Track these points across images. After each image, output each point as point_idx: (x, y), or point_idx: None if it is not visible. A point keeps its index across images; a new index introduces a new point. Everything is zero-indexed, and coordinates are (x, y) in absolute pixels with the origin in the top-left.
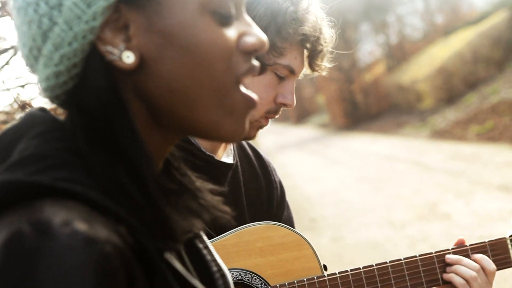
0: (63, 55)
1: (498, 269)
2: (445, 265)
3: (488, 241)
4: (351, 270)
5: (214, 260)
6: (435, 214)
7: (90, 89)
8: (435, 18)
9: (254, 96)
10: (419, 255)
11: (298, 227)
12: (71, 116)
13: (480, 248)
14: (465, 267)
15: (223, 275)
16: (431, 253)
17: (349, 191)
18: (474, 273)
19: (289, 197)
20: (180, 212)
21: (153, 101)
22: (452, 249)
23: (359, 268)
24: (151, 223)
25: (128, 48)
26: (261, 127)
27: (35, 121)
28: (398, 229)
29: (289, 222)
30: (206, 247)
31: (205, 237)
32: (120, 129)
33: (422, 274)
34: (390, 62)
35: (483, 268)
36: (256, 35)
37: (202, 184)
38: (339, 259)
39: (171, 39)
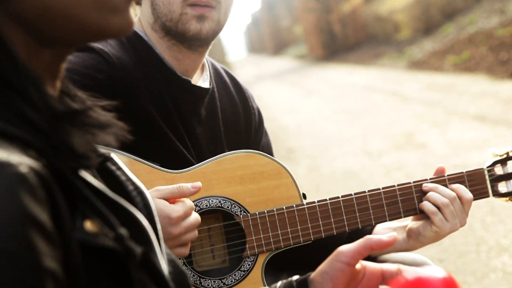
0: None
1: (474, 199)
2: (422, 195)
3: (466, 172)
4: (330, 199)
5: (129, 179)
6: (411, 143)
7: None
8: None
9: None
10: (397, 185)
11: (275, 158)
12: None
13: (458, 178)
14: (439, 194)
15: (140, 193)
16: (409, 182)
17: (326, 122)
18: (446, 200)
19: (267, 128)
20: (79, 131)
21: (31, 22)
22: (431, 178)
23: (338, 197)
24: (55, 144)
25: None
26: (198, 17)
27: None
28: (374, 159)
29: (268, 148)
30: (119, 168)
31: (117, 159)
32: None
33: (400, 204)
34: None
35: (459, 197)
36: None
37: (94, 102)
38: (316, 189)
39: None
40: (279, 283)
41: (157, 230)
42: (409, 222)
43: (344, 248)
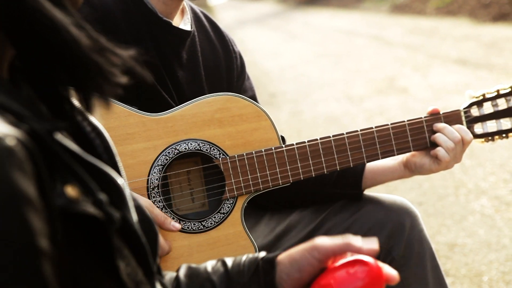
0: None
1: None
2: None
3: (443, 113)
4: (308, 141)
5: (86, 119)
6: (393, 87)
7: None
8: None
9: None
10: (375, 127)
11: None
12: None
13: (435, 120)
14: (447, 136)
15: (98, 134)
16: (387, 124)
17: (309, 66)
18: (452, 145)
19: (249, 73)
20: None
21: None
22: (408, 120)
23: (316, 139)
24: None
25: None
26: None
27: None
28: (356, 103)
29: (251, 91)
30: (73, 108)
31: (73, 100)
32: None
33: (378, 146)
34: None
35: (462, 139)
36: None
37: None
38: (297, 133)
39: None
40: (244, 257)
41: (121, 174)
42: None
43: (321, 244)
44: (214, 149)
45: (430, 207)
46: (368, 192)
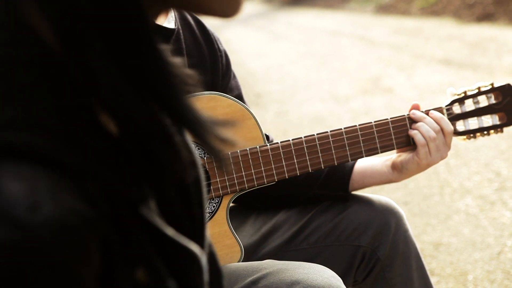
0: None
1: None
2: (388, 134)
3: (425, 110)
4: (292, 139)
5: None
6: (378, 87)
7: None
8: None
9: None
10: (359, 124)
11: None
12: None
13: (418, 118)
14: (427, 125)
15: (197, 181)
16: (370, 122)
17: (294, 66)
18: (433, 134)
19: (235, 72)
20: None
21: None
22: (391, 118)
23: (300, 138)
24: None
25: None
26: None
27: None
28: (342, 103)
29: (238, 90)
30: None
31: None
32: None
33: (361, 144)
34: None
35: (442, 129)
36: None
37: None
38: (283, 133)
39: None
40: None
41: (204, 225)
42: (393, 155)
43: None
44: (199, 148)
45: (415, 207)
46: (354, 192)
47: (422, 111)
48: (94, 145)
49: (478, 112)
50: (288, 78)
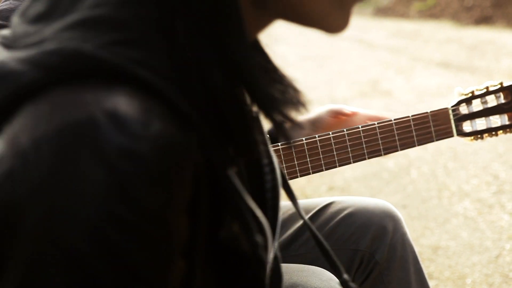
0: None
1: (439, 139)
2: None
3: (431, 112)
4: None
5: (267, 150)
6: (376, 90)
7: None
8: None
9: None
10: (362, 126)
11: None
12: None
13: (422, 118)
14: None
15: (272, 169)
16: (374, 123)
17: (293, 69)
18: None
19: None
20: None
21: None
22: (395, 119)
23: (302, 140)
24: (230, 130)
25: None
26: None
27: None
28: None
29: None
30: (262, 137)
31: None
32: (221, 4)
33: (364, 145)
34: None
35: None
36: None
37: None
38: None
39: None
40: None
41: (278, 217)
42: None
43: None
44: None
45: (413, 210)
46: (351, 196)
47: (409, 117)
48: (199, 101)
49: (486, 112)
50: None
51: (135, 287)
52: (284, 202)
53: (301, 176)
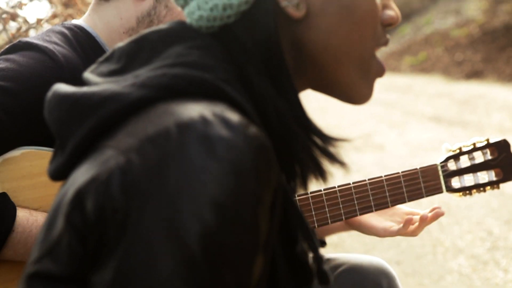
0: None
1: (429, 195)
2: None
3: (420, 168)
4: (298, 196)
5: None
6: (369, 144)
7: (257, 26)
8: None
9: (384, 66)
10: (353, 183)
11: None
12: (229, 47)
13: (412, 175)
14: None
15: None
16: (365, 180)
17: None
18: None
19: None
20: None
21: (304, 51)
22: (385, 176)
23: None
24: (295, 163)
25: None
26: None
27: (189, 33)
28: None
29: None
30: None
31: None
32: (275, 71)
33: (355, 202)
34: None
35: None
36: (395, 9)
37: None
38: None
39: None
40: None
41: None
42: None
43: None
44: None
45: (408, 267)
46: (345, 253)
47: (398, 173)
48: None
49: (474, 169)
50: None
51: (224, 269)
52: None
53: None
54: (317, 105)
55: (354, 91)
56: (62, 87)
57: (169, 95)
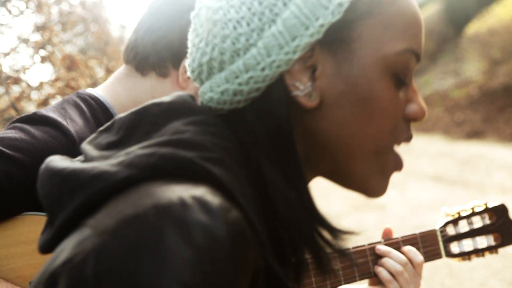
0: (252, 78)
1: (428, 261)
2: (377, 257)
3: (419, 233)
4: None
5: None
6: (370, 204)
7: (268, 114)
8: None
9: (402, 160)
10: (353, 248)
11: None
12: (236, 129)
13: (411, 240)
14: (393, 260)
15: None
16: (364, 245)
17: None
18: (400, 268)
19: None
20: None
21: (316, 141)
22: (385, 240)
23: None
24: (284, 247)
25: (313, 87)
26: None
27: (190, 107)
28: (334, 220)
29: None
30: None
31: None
32: (285, 159)
33: (354, 268)
34: None
35: (410, 260)
36: (420, 104)
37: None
38: None
39: (354, 88)
40: None
41: None
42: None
43: None
44: None
45: None
46: None
47: (398, 238)
48: (263, 214)
49: (473, 233)
50: None
51: None
52: None
53: None
54: None
55: (368, 185)
56: (55, 160)
57: (154, 176)
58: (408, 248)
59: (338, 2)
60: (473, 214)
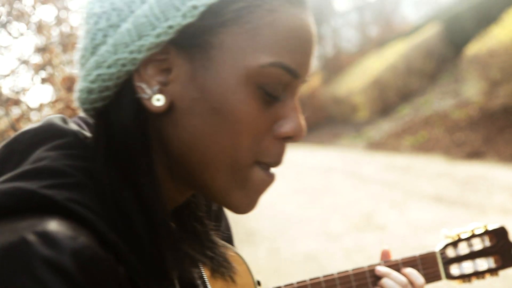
0: (99, 75)
1: (428, 283)
2: (377, 279)
3: (419, 255)
4: (284, 286)
5: (198, 269)
6: (370, 224)
7: (118, 116)
8: (370, 31)
9: (272, 178)
10: (352, 270)
11: (234, 241)
12: (97, 134)
13: (411, 262)
14: (393, 281)
15: (205, 285)
16: (363, 267)
17: (286, 202)
18: None
19: (226, 210)
20: (177, 255)
21: (169, 149)
22: (385, 262)
23: (292, 284)
24: (147, 260)
25: (161, 91)
26: None
27: (54, 132)
28: (334, 241)
29: (227, 231)
30: (203, 282)
31: (202, 269)
32: (138, 162)
33: None
34: (326, 74)
35: (411, 283)
36: (296, 122)
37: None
38: (276, 272)
39: (208, 96)
40: None
41: None
42: None
43: None
44: None
45: None
46: None
47: (398, 260)
48: (126, 232)
49: (473, 256)
50: (280, 214)
51: None
52: None
53: None
54: (313, 185)
55: (229, 199)
56: None
57: (0, 213)
58: (409, 271)
59: (192, 4)
60: (473, 236)
